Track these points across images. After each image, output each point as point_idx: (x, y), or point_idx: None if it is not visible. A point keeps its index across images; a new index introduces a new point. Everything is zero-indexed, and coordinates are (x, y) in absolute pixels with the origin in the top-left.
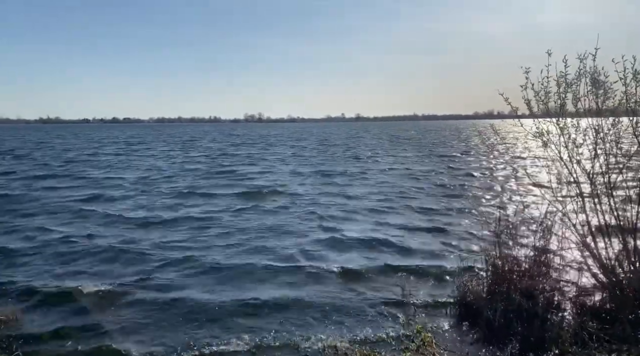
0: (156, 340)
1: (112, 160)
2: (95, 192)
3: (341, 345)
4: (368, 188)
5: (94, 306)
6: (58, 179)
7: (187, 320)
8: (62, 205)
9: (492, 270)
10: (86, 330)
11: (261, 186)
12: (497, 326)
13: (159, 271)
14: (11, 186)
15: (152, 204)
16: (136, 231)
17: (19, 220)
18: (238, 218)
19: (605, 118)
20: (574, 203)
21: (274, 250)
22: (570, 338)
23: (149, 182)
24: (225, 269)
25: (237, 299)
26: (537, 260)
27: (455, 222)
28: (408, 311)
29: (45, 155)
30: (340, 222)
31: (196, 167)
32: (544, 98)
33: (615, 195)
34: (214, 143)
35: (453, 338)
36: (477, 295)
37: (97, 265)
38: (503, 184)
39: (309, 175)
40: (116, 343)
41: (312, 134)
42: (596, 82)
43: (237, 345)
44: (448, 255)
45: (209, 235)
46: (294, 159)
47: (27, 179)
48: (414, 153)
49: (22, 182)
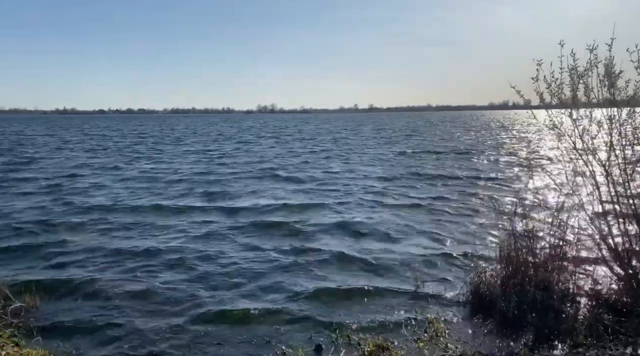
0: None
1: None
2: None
3: (354, 335)
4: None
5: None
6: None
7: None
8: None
9: (506, 262)
10: (105, 319)
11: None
12: (511, 317)
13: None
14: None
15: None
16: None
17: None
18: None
19: (621, 108)
20: (590, 195)
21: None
22: (584, 331)
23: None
24: None
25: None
26: (552, 251)
27: (470, 212)
28: (420, 301)
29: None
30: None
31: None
32: (556, 91)
33: (632, 186)
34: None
35: (466, 329)
36: (490, 286)
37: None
38: (520, 175)
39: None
40: (133, 332)
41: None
42: (610, 72)
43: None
44: (461, 245)
45: None
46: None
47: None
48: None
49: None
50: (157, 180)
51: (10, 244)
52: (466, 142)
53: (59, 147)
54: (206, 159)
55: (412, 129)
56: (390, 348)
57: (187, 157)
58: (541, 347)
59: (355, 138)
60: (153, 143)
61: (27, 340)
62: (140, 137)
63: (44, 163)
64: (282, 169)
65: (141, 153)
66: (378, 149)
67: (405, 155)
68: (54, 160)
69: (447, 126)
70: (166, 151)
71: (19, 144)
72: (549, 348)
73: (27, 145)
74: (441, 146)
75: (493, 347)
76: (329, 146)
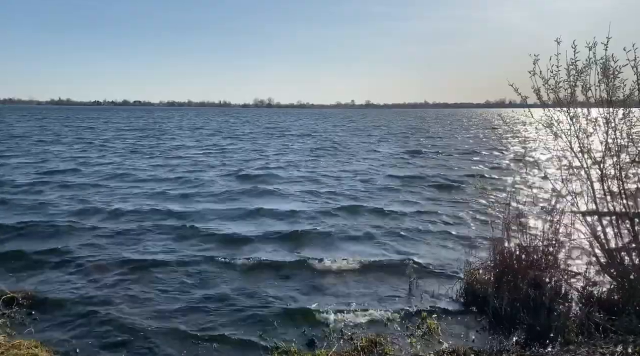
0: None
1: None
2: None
3: (347, 330)
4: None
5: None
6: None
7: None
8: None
9: (499, 259)
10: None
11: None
12: (504, 315)
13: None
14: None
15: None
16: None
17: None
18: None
19: (617, 108)
20: (583, 194)
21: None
22: (576, 329)
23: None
24: None
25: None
26: (545, 250)
27: (464, 210)
28: (414, 298)
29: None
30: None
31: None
32: (554, 87)
33: (625, 186)
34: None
35: (459, 326)
36: (483, 284)
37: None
38: (513, 174)
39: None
40: (125, 323)
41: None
42: (607, 71)
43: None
44: (455, 243)
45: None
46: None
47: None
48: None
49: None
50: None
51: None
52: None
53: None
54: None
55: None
56: (382, 343)
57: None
58: (533, 345)
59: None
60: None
61: (19, 329)
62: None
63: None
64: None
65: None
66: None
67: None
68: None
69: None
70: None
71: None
72: (540, 346)
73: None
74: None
75: (485, 344)
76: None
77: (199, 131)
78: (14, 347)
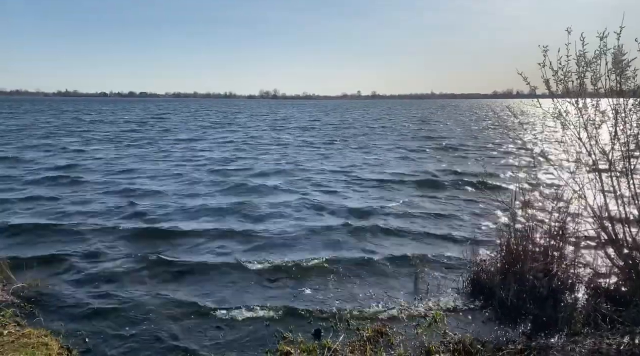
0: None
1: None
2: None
3: (353, 321)
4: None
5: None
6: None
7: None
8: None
9: (506, 250)
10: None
11: None
12: (510, 305)
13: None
14: None
15: None
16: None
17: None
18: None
19: (627, 98)
20: (591, 184)
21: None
22: (582, 320)
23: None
24: None
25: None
26: (552, 240)
27: (470, 200)
28: (420, 288)
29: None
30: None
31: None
32: (563, 78)
33: (634, 177)
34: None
35: (465, 316)
36: (490, 274)
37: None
38: (520, 164)
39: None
40: (135, 313)
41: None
42: (619, 61)
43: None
44: (461, 234)
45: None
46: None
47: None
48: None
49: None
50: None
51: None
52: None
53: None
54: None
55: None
56: (389, 333)
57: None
58: (539, 335)
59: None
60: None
61: (29, 319)
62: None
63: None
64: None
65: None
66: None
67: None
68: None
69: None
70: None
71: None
72: (546, 337)
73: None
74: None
75: (491, 335)
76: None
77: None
78: (24, 336)
